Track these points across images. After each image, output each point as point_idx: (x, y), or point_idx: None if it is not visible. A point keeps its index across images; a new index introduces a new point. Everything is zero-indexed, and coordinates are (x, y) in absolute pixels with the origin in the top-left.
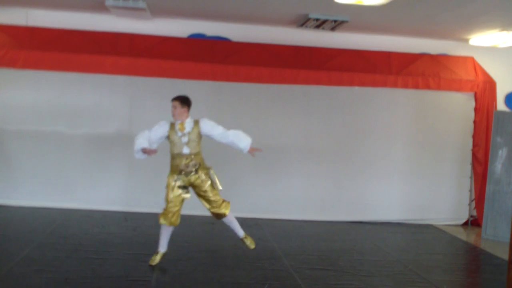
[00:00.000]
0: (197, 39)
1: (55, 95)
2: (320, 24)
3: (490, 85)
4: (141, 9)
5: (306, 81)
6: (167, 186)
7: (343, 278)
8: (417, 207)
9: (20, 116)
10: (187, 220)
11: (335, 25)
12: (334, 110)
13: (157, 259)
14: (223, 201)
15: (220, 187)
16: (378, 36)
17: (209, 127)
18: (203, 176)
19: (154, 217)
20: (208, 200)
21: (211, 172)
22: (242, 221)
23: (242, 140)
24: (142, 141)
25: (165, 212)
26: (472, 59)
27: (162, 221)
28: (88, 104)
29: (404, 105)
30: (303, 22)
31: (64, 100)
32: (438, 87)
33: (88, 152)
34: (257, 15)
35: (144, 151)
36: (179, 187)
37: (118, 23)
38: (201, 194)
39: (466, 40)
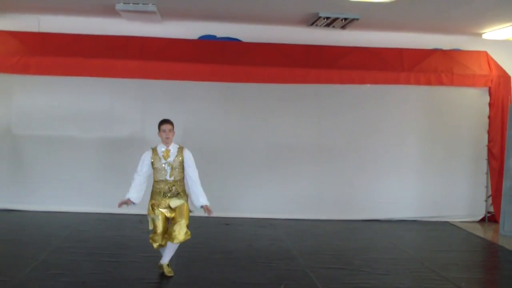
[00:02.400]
0: (207, 40)
1: (68, 100)
2: (330, 23)
3: (504, 79)
4: (151, 12)
5: (317, 80)
6: (148, 213)
7: (359, 277)
8: (433, 204)
9: (34, 121)
10: (201, 221)
11: (346, 23)
12: (346, 108)
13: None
14: (187, 232)
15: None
16: (389, 33)
17: (188, 163)
18: (182, 201)
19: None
20: (175, 222)
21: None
22: (256, 222)
23: (201, 196)
24: (131, 191)
25: (152, 237)
26: (485, 54)
27: (154, 246)
28: (101, 108)
29: (417, 102)
30: (313, 21)
31: (76, 104)
32: (451, 83)
33: (102, 156)
34: (267, 15)
35: (121, 203)
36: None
37: (128, 26)
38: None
39: (479, 35)
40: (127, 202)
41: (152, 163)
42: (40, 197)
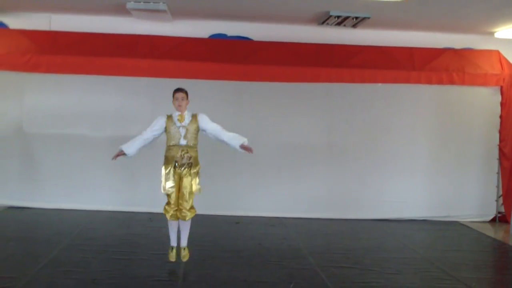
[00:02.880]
0: (218, 39)
1: (78, 98)
2: (341, 21)
3: None
4: (162, 11)
5: (328, 79)
6: (163, 176)
7: (369, 276)
8: (443, 203)
9: (45, 119)
10: (211, 220)
11: (357, 22)
12: (356, 107)
13: (173, 255)
14: (192, 207)
15: (196, 190)
16: (400, 32)
17: (206, 121)
18: (191, 172)
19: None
20: (181, 197)
21: (197, 171)
22: (267, 220)
23: (237, 137)
24: (131, 143)
25: (168, 207)
26: (497, 53)
27: (167, 216)
28: (111, 107)
29: (428, 101)
30: (324, 19)
31: (87, 103)
32: (463, 82)
33: (112, 154)
34: (278, 14)
35: (116, 155)
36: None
37: (139, 25)
38: (180, 192)
39: (491, 33)
40: (119, 154)
41: (166, 128)
42: (51, 195)
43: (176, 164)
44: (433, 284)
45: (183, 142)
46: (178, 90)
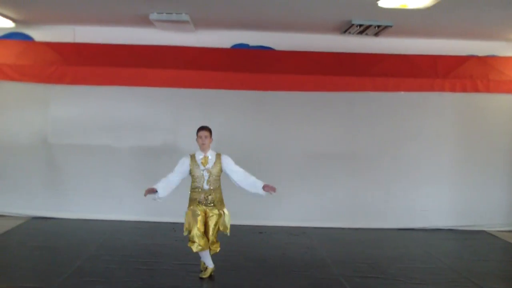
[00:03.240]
0: (240, 49)
1: (103, 109)
2: (363, 30)
3: None
4: (185, 21)
5: (351, 88)
6: (188, 216)
7: (394, 286)
8: (469, 212)
9: (69, 130)
10: (234, 230)
11: (379, 30)
12: (380, 116)
13: (207, 273)
14: (216, 242)
15: (228, 233)
16: (423, 40)
17: (230, 164)
18: (216, 211)
19: None
20: (208, 235)
21: (225, 212)
22: (290, 230)
23: (258, 181)
24: (161, 184)
25: (192, 241)
26: None
27: (195, 249)
28: (134, 117)
29: (452, 109)
30: (346, 28)
31: (111, 113)
32: (487, 90)
33: (135, 164)
34: (299, 23)
35: (147, 191)
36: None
37: (162, 36)
38: (207, 228)
39: None
40: (153, 190)
41: (191, 170)
42: (76, 205)
43: (200, 203)
44: None
45: (206, 186)
46: (202, 128)
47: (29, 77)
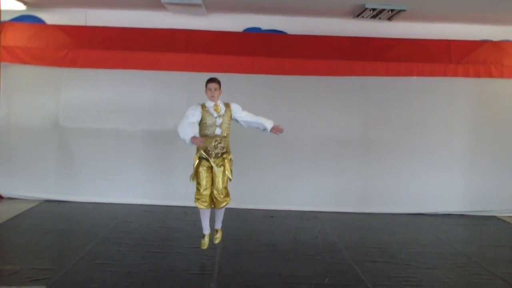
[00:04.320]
0: (252, 33)
1: (115, 93)
2: (376, 14)
3: None
4: (197, 5)
5: (363, 73)
6: (195, 166)
7: (405, 271)
8: (480, 198)
9: (81, 114)
10: (246, 214)
11: (392, 14)
12: (392, 101)
13: (206, 242)
14: (227, 194)
15: (231, 177)
16: (437, 24)
17: (238, 110)
18: (224, 161)
19: (213, 212)
20: (216, 185)
21: (231, 159)
22: (302, 214)
23: (267, 120)
24: (188, 130)
25: (198, 196)
26: None
27: (199, 205)
28: (146, 101)
29: (465, 94)
30: (359, 12)
31: (123, 97)
32: (501, 75)
33: (147, 148)
34: (312, 7)
35: (194, 140)
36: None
37: (174, 20)
38: (213, 181)
39: None
40: (202, 140)
41: (202, 118)
42: (88, 189)
43: (209, 152)
44: (471, 279)
45: (218, 131)
46: (211, 80)
47: (40, 61)
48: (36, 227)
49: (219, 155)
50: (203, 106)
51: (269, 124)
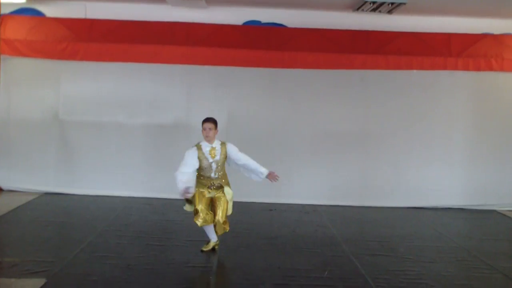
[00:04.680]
0: (252, 26)
1: (114, 86)
2: (376, 7)
3: None
4: None
5: (363, 66)
6: (196, 196)
7: (404, 264)
8: (480, 192)
9: (81, 107)
10: (245, 207)
11: (392, 7)
12: (392, 94)
13: (209, 246)
14: (225, 222)
15: (230, 211)
16: (437, 18)
17: (234, 152)
18: (223, 196)
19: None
20: (217, 216)
21: (230, 191)
22: (301, 208)
23: (261, 166)
24: (184, 179)
25: (197, 216)
26: None
27: (200, 224)
28: (146, 94)
29: (465, 88)
30: (359, 5)
31: (123, 90)
32: (501, 68)
33: (147, 142)
34: (312, 0)
35: (184, 191)
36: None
37: (174, 12)
38: (215, 209)
39: None
40: (188, 190)
41: (199, 161)
42: (87, 181)
43: (207, 188)
44: (470, 273)
45: (214, 176)
46: (207, 120)
47: (40, 53)
48: (36, 219)
49: (218, 188)
50: (199, 149)
51: (265, 170)
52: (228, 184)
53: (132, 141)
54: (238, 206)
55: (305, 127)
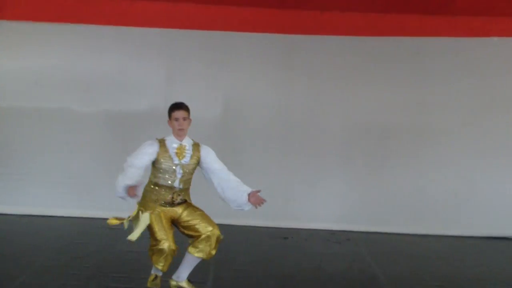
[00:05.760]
0: None
1: (63, 58)
2: None
3: None
4: None
5: (420, 32)
6: (151, 222)
7: None
8: None
9: (14, 87)
10: (249, 233)
11: None
12: (460, 72)
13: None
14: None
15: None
16: None
17: (211, 161)
18: (189, 205)
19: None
20: (195, 229)
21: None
22: (328, 235)
23: (243, 184)
24: (135, 174)
25: (159, 254)
26: None
27: (161, 268)
28: (109, 70)
29: None
30: None
31: (75, 65)
32: None
33: (109, 138)
34: None
35: (130, 191)
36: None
37: None
38: (186, 225)
39: None
40: (136, 189)
41: (157, 161)
42: (24, 196)
43: (166, 205)
44: None
45: (178, 185)
46: (177, 106)
47: None
48: None
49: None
50: (162, 144)
51: (247, 189)
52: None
53: (89, 137)
54: (239, 231)
55: (332, 120)
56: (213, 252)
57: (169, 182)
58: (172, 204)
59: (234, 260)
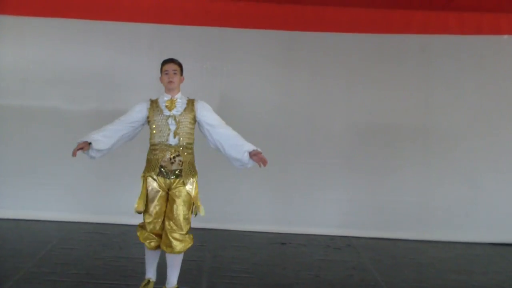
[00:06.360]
0: None
1: (48, 54)
2: None
3: None
4: None
5: (425, 29)
6: (142, 190)
7: None
8: None
9: None
10: (245, 239)
11: None
12: (469, 71)
13: None
14: (187, 233)
15: (202, 213)
16: None
17: (207, 111)
18: (184, 184)
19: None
20: (171, 219)
21: (195, 181)
22: (329, 241)
23: (245, 142)
24: (97, 131)
25: (143, 226)
26: None
27: (141, 238)
28: (97, 67)
29: None
30: None
31: (62, 60)
32: None
33: None
34: None
35: (78, 145)
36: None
37: None
38: (169, 208)
39: None
40: (83, 147)
41: (149, 118)
42: (7, 198)
43: (163, 170)
44: None
45: (172, 140)
46: (168, 60)
47: None
48: None
49: (177, 173)
50: (153, 102)
51: (249, 147)
52: (193, 169)
53: (75, 137)
54: (234, 237)
55: (336, 120)
56: (178, 247)
57: (164, 137)
58: (172, 165)
59: (229, 267)
